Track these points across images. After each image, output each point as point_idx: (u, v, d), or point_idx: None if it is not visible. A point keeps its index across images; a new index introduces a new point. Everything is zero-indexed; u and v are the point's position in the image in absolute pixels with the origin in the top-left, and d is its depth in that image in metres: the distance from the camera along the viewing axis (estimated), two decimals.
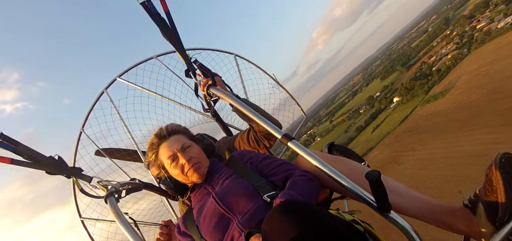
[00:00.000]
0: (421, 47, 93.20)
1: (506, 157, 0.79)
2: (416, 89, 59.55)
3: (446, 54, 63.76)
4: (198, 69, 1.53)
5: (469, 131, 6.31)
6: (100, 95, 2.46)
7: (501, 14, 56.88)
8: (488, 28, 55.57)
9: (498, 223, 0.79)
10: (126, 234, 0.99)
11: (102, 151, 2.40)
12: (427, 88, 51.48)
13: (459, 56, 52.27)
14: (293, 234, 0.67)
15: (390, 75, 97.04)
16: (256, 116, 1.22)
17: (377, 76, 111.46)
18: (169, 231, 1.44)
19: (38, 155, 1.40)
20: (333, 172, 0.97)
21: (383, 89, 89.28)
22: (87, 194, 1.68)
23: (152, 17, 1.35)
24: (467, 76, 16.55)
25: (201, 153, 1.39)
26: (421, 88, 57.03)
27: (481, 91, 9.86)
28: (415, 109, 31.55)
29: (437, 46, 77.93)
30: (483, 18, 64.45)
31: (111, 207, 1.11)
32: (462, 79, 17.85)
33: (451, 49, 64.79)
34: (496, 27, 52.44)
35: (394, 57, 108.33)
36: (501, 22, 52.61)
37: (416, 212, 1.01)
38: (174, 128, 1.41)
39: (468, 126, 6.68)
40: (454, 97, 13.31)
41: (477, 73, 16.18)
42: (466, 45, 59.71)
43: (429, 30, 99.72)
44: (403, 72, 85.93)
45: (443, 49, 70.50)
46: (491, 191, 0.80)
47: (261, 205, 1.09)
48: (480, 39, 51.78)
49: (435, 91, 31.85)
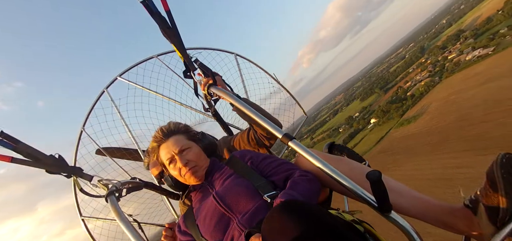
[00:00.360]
0: (398, 72, 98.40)
1: (507, 157, 0.79)
2: (392, 112, 62.87)
3: (420, 81, 68.00)
4: (198, 69, 1.52)
5: (440, 154, 6.65)
6: (101, 94, 2.46)
7: (469, 47, 61.67)
8: (458, 59, 60.16)
9: (499, 223, 0.79)
10: (127, 233, 0.99)
11: (103, 150, 2.40)
12: (401, 112, 55.27)
13: (431, 83, 57.08)
14: (293, 234, 0.67)
15: (369, 97, 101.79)
16: (256, 116, 1.21)
17: (357, 97, 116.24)
18: (173, 234, 1.44)
19: (39, 153, 1.40)
20: (333, 171, 0.97)
21: (362, 110, 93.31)
22: (87, 193, 1.68)
23: (152, 15, 1.34)
24: (438, 103, 17.40)
25: (200, 155, 1.38)
26: (396, 111, 60.46)
27: (450, 118, 10.40)
28: (390, 131, 32.42)
29: (413, 73, 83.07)
30: (454, 49, 69.32)
31: (111, 206, 1.11)
32: (433, 105, 18.63)
33: (425, 76, 69.34)
34: (465, 59, 56.87)
35: (373, 80, 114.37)
36: (469, 55, 56.90)
37: (416, 212, 1.00)
38: (174, 128, 1.41)
39: (438, 150, 7.07)
40: (425, 121, 13.93)
41: (447, 101, 16.96)
42: (438, 73, 64.23)
43: (406, 57, 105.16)
44: (381, 95, 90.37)
45: (417, 76, 75.20)
46: (492, 191, 0.80)
47: (261, 205, 1.08)
48: (450, 69, 56.81)
49: (409, 115, 32.91)
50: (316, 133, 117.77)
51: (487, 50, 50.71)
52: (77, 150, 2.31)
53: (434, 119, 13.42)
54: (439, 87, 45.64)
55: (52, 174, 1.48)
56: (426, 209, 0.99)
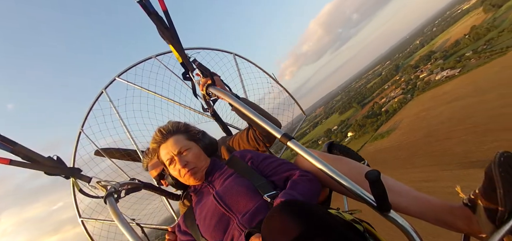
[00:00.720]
0: (375, 88, 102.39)
1: (506, 156, 0.79)
2: (367, 126, 65.41)
3: (394, 98, 71.74)
4: (197, 69, 1.52)
5: (409, 168, 6.93)
6: (99, 95, 2.45)
7: (439, 67, 66.17)
8: (428, 79, 64.43)
9: (497, 221, 0.79)
10: (126, 235, 0.98)
11: (102, 151, 2.39)
12: (376, 127, 58.25)
13: (404, 100, 61.19)
14: (293, 234, 0.67)
15: (347, 111, 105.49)
16: (255, 116, 1.21)
17: (336, 111, 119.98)
18: (176, 238, 1.44)
19: (37, 155, 1.39)
20: (332, 171, 0.97)
21: (340, 123, 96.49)
22: (86, 194, 1.67)
23: (149, 15, 1.34)
24: (409, 119, 18.28)
25: (199, 155, 1.38)
26: (371, 126, 63.11)
27: (419, 134, 10.91)
28: (365, 144, 33.39)
29: (388, 89, 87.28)
30: (425, 69, 73.93)
31: (110, 207, 1.11)
32: (405, 121, 19.36)
33: (398, 94, 73.15)
34: (434, 78, 61.03)
35: (352, 94, 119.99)
36: (438, 75, 61.19)
37: (415, 211, 1.01)
38: (173, 128, 1.40)
39: (407, 164, 7.44)
40: (397, 136, 14.47)
41: (417, 117, 17.78)
42: (410, 91, 67.92)
43: (383, 74, 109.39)
44: (358, 109, 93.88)
45: (392, 93, 79.50)
46: (491, 190, 0.80)
47: (261, 204, 1.09)
48: (421, 88, 61.35)
49: (383, 130, 34.14)
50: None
51: (454, 71, 54.89)
52: (75, 151, 2.31)
53: (405, 134, 14.16)
54: (411, 104, 49.79)
55: (51, 175, 1.47)
56: (425, 208, 0.99)
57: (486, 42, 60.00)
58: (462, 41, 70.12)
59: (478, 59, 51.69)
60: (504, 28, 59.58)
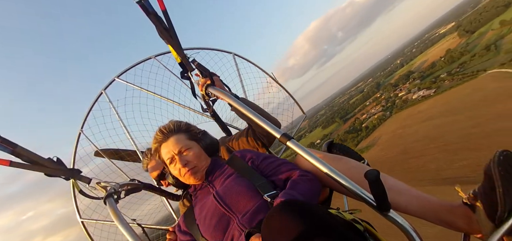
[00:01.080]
0: (357, 104, 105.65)
1: (505, 155, 0.79)
2: (348, 142, 69.06)
3: (374, 114, 74.79)
4: (196, 69, 1.51)
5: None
6: (99, 96, 2.45)
7: (416, 87, 69.55)
8: (406, 97, 67.70)
9: (497, 220, 0.79)
10: (126, 235, 0.98)
11: (101, 152, 2.39)
12: (356, 142, 60.20)
13: (383, 117, 64.01)
14: (293, 234, 0.67)
15: (330, 125, 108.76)
16: (254, 116, 1.21)
17: (320, 125, 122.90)
18: (176, 237, 1.44)
19: (37, 157, 1.39)
20: (332, 171, 0.97)
21: (323, 137, 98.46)
22: (86, 195, 1.67)
23: (148, 16, 1.33)
24: (387, 136, 19.08)
25: (200, 155, 1.38)
26: (352, 141, 65.16)
27: (396, 150, 11.26)
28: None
29: (369, 106, 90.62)
30: (404, 88, 77.50)
31: (110, 208, 1.10)
32: (383, 138, 19.92)
33: (378, 110, 76.50)
34: (411, 97, 64.36)
35: (335, 109, 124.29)
36: (415, 94, 64.62)
37: (415, 211, 1.00)
38: (174, 127, 1.40)
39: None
40: (376, 152, 14.80)
41: (395, 134, 18.39)
42: (389, 108, 70.98)
43: (365, 91, 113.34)
44: (341, 124, 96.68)
45: (372, 109, 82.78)
46: (490, 189, 0.80)
47: (261, 204, 1.09)
48: (399, 106, 64.74)
49: (363, 145, 35.20)
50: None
51: (430, 92, 58.85)
52: (75, 152, 2.31)
53: (383, 150, 14.72)
54: (390, 121, 52.39)
55: (51, 177, 1.47)
56: (425, 207, 0.99)
57: (459, 65, 64.84)
58: (438, 63, 75.20)
59: (452, 81, 56.21)
60: (475, 53, 64.18)
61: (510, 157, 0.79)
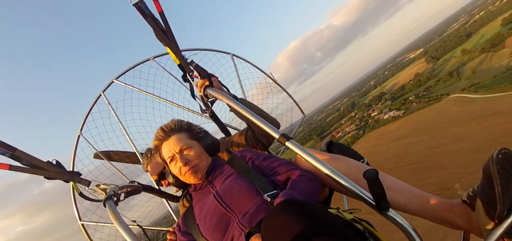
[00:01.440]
0: (333, 123, 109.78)
1: (503, 153, 0.78)
2: None
3: (349, 132, 78.56)
4: (194, 70, 1.51)
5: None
6: (97, 98, 2.45)
7: (387, 108, 73.52)
8: (378, 117, 71.38)
9: (496, 219, 0.79)
10: (126, 237, 0.98)
11: (101, 154, 2.39)
12: None
13: (357, 136, 66.70)
14: (293, 234, 0.67)
15: (307, 142, 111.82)
16: (253, 116, 1.21)
17: (297, 141, 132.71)
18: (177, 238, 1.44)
19: (36, 160, 1.39)
20: (331, 170, 0.97)
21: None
22: (86, 197, 1.67)
23: (145, 18, 1.33)
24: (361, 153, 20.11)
25: (200, 154, 1.38)
26: None
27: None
28: None
29: (344, 124, 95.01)
30: (376, 108, 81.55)
31: (109, 210, 1.10)
32: None
33: (353, 129, 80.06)
34: (383, 117, 68.26)
35: (313, 126, 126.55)
36: (386, 115, 68.26)
37: (415, 209, 1.00)
38: (175, 126, 1.40)
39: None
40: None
41: (367, 152, 19.22)
42: (362, 127, 74.40)
43: (341, 110, 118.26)
44: (317, 141, 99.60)
45: (347, 128, 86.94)
46: (489, 187, 0.80)
47: (261, 204, 1.09)
48: (372, 125, 67.67)
49: None
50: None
51: (399, 113, 62.55)
52: (75, 155, 2.30)
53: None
54: (362, 139, 55.40)
55: (51, 180, 1.47)
56: (425, 206, 0.99)
57: (426, 89, 69.96)
58: (407, 86, 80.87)
59: (419, 103, 60.67)
60: (440, 78, 69.83)
61: (509, 155, 0.79)
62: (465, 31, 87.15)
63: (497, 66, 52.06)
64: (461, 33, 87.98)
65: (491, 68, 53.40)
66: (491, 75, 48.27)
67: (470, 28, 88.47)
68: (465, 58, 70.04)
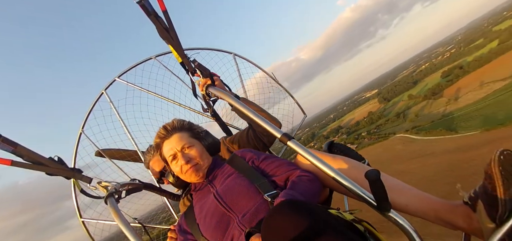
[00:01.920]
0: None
1: (505, 154, 0.78)
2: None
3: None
4: (197, 69, 1.51)
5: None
6: (99, 96, 2.46)
7: (343, 141, 76.43)
8: None
9: (498, 220, 0.79)
10: (127, 235, 0.98)
11: (102, 151, 2.40)
12: None
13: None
14: (293, 234, 0.67)
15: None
16: (255, 116, 1.21)
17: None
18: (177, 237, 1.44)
19: (38, 156, 1.39)
20: (332, 170, 0.97)
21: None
22: (87, 194, 1.68)
23: (149, 16, 1.33)
24: None
25: (202, 153, 1.38)
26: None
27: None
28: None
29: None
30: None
31: (111, 208, 1.11)
32: None
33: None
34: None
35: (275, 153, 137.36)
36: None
37: (416, 210, 1.00)
38: (177, 125, 1.41)
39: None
40: None
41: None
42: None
43: (301, 139, 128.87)
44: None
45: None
46: (491, 188, 0.80)
47: (261, 204, 1.09)
48: None
49: None
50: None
51: (353, 146, 67.90)
52: (76, 152, 2.31)
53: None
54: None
55: (52, 176, 1.48)
56: (426, 207, 0.99)
57: (377, 127, 75.95)
58: (361, 122, 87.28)
59: (370, 139, 65.84)
60: (389, 118, 76.19)
61: (510, 156, 0.78)
62: (413, 78, 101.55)
63: (435, 112, 60.72)
64: (409, 80, 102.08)
65: (431, 113, 61.77)
66: (430, 120, 55.48)
67: (416, 76, 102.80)
68: (411, 102, 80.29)
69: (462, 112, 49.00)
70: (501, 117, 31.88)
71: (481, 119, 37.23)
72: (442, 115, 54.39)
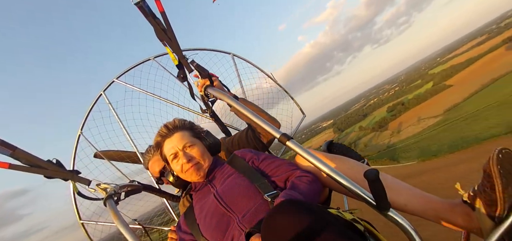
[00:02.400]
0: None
1: (504, 153, 0.79)
2: None
3: None
4: (195, 70, 1.51)
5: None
6: (98, 97, 2.45)
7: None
8: None
9: (497, 218, 0.79)
10: (126, 236, 0.98)
11: (101, 153, 2.39)
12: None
13: None
14: (293, 234, 0.67)
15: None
16: (254, 116, 1.20)
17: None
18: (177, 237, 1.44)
19: (36, 159, 1.38)
20: (331, 170, 0.97)
21: None
22: (85, 196, 1.67)
23: (146, 17, 1.33)
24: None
25: (203, 153, 1.38)
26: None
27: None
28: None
29: None
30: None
31: (110, 209, 1.10)
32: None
33: None
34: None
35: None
36: None
37: (415, 209, 1.00)
38: (179, 124, 1.40)
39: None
40: None
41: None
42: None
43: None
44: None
45: None
46: (489, 187, 0.80)
47: (261, 204, 1.08)
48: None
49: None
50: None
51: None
52: (75, 154, 2.30)
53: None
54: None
55: (51, 178, 1.47)
56: (425, 206, 0.99)
57: None
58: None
59: None
60: None
61: (509, 155, 0.79)
62: (363, 111, 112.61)
63: (381, 143, 66.01)
64: (360, 113, 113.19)
65: (377, 144, 67.09)
66: (377, 150, 59.49)
67: (366, 109, 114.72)
68: (361, 133, 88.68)
69: (403, 144, 53.52)
70: (434, 149, 34.26)
71: (418, 151, 40.15)
72: (387, 146, 60.08)
